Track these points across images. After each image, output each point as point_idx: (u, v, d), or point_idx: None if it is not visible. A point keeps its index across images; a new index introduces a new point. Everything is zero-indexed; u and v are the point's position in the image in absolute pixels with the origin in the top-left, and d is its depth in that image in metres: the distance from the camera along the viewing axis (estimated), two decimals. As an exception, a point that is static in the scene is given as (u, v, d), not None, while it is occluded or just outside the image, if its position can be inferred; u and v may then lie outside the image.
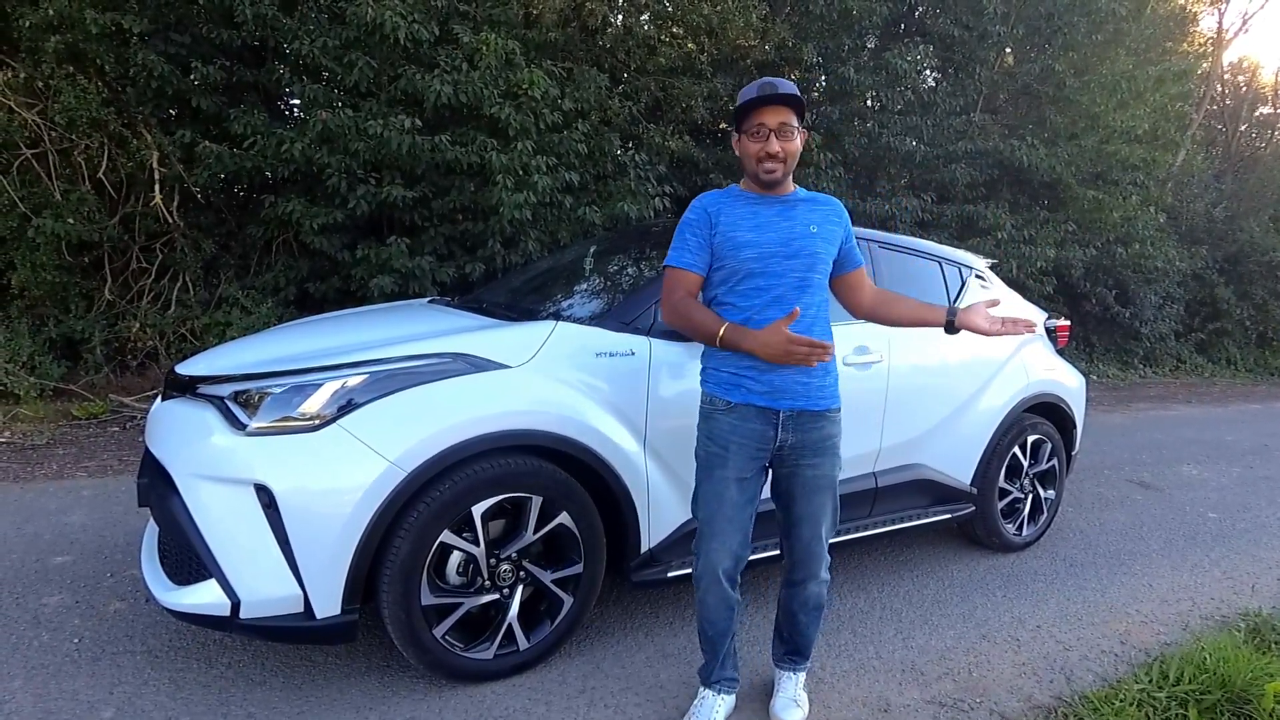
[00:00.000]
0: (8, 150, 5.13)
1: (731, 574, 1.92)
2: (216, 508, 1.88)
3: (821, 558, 1.97)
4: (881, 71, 7.79)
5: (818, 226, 1.91)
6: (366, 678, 2.15)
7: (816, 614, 2.05)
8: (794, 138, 1.86)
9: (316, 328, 2.69)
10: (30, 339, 5.12)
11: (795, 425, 1.87)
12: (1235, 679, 2.26)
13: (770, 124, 1.82)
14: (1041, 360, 3.52)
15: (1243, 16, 28.88)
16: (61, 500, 3.40)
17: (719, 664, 2.02)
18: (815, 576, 1.98)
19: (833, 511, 1.96)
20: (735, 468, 1.87)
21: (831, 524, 1.97)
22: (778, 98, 1.81)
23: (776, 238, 1.87)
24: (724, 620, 1.96)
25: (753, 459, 1.88)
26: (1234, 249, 13.33)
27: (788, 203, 1.93)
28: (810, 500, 1.92)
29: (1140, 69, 9.42)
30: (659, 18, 7.06)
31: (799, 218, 1.91)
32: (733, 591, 1.94)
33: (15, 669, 2.09)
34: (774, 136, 1.83)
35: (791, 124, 1.84)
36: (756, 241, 1.86)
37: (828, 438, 1.91)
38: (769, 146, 1.83)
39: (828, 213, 1.96)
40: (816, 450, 1.90)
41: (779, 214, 1.91)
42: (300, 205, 5.39)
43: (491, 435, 2.02)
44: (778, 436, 1.87)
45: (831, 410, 1.92)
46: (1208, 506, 4.47)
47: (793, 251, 1.87)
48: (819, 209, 1.95)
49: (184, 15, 5.35)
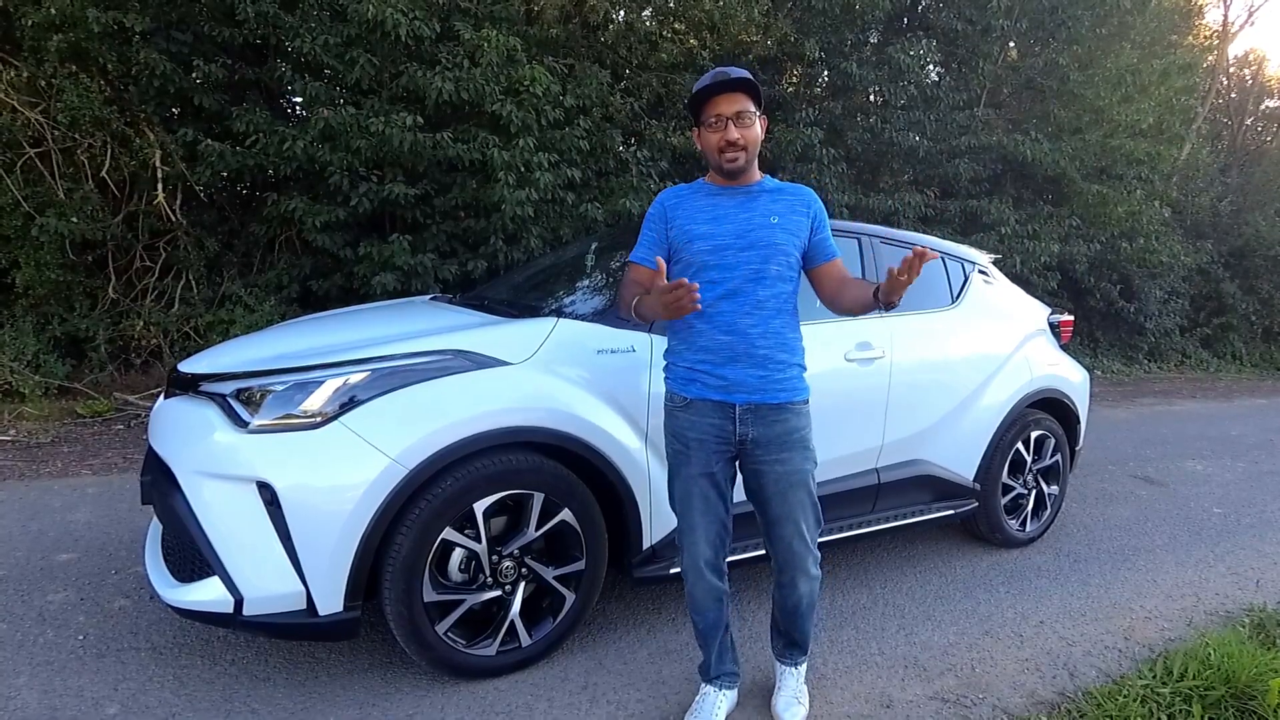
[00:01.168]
0: (11, 149, 5.14)
1: (714, 563, 1.92)
2: (219, 505, 1.89)
3: (806, 555, 1.92)
4: (884, 66, 7.75)
5: (779, 217, 1.85)
6: (369, 674, 2.16)
7: (810, 610, 2.01)
8: (752, 124, 1.83)
9: (318, 325, 2.69)
10: (35, 338, 5.14)
11: (754, 419, 1.83)
12: (1240, 675, 2.25)
13: (727, 112, 1.81)
14: (1045, 356, 3.50)
15: (1248, 9, 28.64)
16: (66, 498, 3.42)
17: (716, 658, 2.02)
18: (805, 573, 1.94)
19: (811, 507, 1.90)
20: (698, 463, 1.86)
21: (813, 521, 1.92)
22: (730, 83, 1.80)
23: (732, 229, 1.84)
24: (713, 611, 1.96)
25: (715, 453, 1.86)
26: (1239, 243, 13.26)
27: (750, 193, 1.89)
28: (785, 499, 1.86)
29: (1145, 63, 9.36)
30: (661, 14, 7.04)
31: (759, 208, 1.87)
32: (719, 582, 1.94)
33: (21, 665, 2.10)
34: (731, 124, 1.81)
35: (749, 110, 1.81)
36: (711, 234, 1.85)
37: (792, 430, 1.85)
38: (728, 134, 1.81)
39: (793, 202, 1.89)
40: (781, 445, 1.84)
41: (739, 205, 1.88)
42: (302, 203, 5.40)
43: (493, 432, 2.02)
44: (736, 430, 1.84)
45: (792, 403, 1.86)
46: (1212, 502, 4.45)
47: (748, 243, 1.83)
48: (783, 199, 1.89)
49: (186, 14, 5.35)
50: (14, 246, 5.14)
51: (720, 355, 1.83)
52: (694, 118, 1.89)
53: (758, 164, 1.92)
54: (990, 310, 3.39)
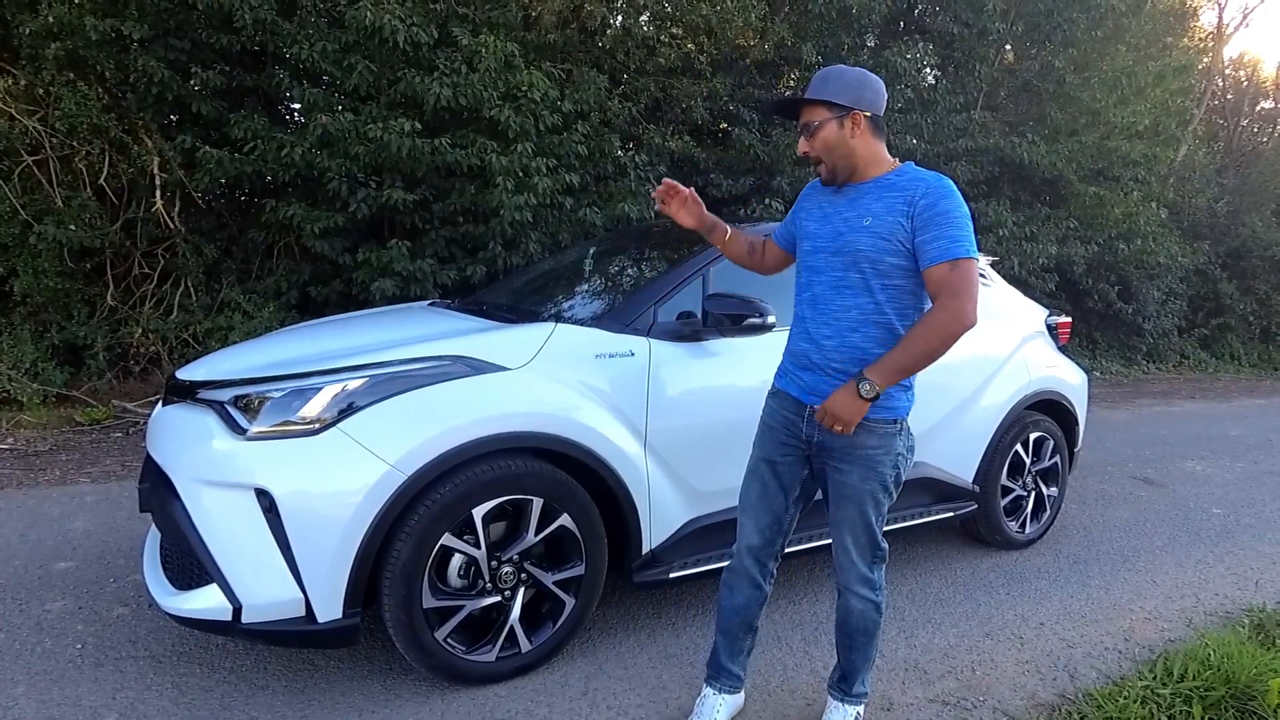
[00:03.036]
0: (9, 157, 5.14)
1: (758, 552, 1.92)
2: (217, 512, 1.89)
3: (850, 570, 1.85)
4: (881, 70, 7.75)
5: (874, 218, 1.71)
6: (369, 681, 2.15)
7: (859, 636, 1.90)
8: (817, 133, 1.76)
9: (317, 331, 2.69)
10: (33, 345, 5.13)
11: (820, 425, 1.78)
12: (1240, 675, 2.25)
13: (800, 124, 1.82)
14: (1043, 357, 3.51)
15: (1243, 11, 28.80)
16: (64, 506, 3.41)
17: (727, 652, 1.99)
18: (848, 588, 1.88)
19: (864, 528, 1.81)
20: (766, 448, 1.91)
21: (860, 541, 1.82)
22: (788, 103, 1.85)
23: (830, 231, 1.79)
24: (741, 593, 1.94)
25: (783, 444, 1.88)
26: (1236, 244, 13.28)
27: (860, 190, 1.77)
28: (839, 508, 1.83)
29: (1140, 64, 9.38)
30: (658, 18, 7.05)
31: (861, 208, 1.75)
32: (759, 574, 1.93)
33: (19, 675, 2.10)
34: (803, 137, 1.81)
35: (814, 120, 1.76)
36: (814, 234, 1.84)
37: (858, 447, 1.76)
38: (799, 148, 1.83)
39: (895, 200, 1.70)
40: (843, 456, 1.78)
41: (847, 204, 1.79)
42: (301, 209, 5.40)
43: (492, 437, 2.02)
44: (804, 430, 1.83)
45: (866, 421, 1.73)
46: (1212, 502, 4.45)
47: (836, 248, 1.77)
48: (888, 196, 1.72)
49: (183, 21, 5.35)
50: (12, 254, 5.13)
51: (800, 360, 1.85)
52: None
53: (886, 155, 1.79)
54: (988, 312, 3.37)
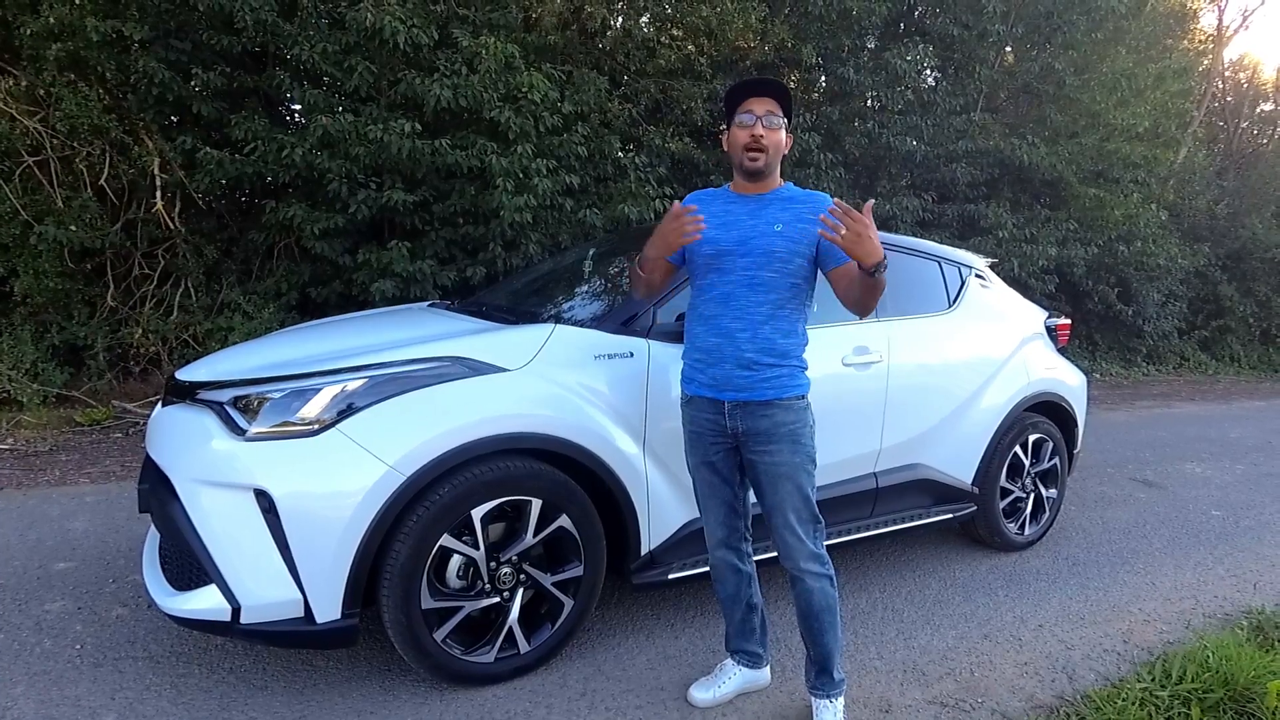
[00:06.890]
0: (10, 158, 5.14)
1: (728, 541, 2.07)
2: (216, 513, 1.89)
3: (797, 549, 1.93)
4: (881, 71, 7.78)
5: (784, 225, 1.89)
6: (367, 682, 2.15)
7: (824, 615, 1.97)
8: (778, 129, 1.90)
9: (317, 332, 2.70)
10: (33, 346, 5.13)
11: (742, 414, 1.91)
12: (1238, 677, 2.26)
13: (757, 111, 1.88)
14: (1042, 359, 3.51)
15: (1243, 13, 28.84)
16: (64, 506, 3.41)
17: (736, 631, 2.16)
18: (801, 570, 1.94)
19: (803, 501, 1.92)
20: (700, 453, 2.01)
21: (805, 515, 1.94)
22: (764, 85, 1.90)
23: (735, 235, 1.91)
24: (729, 582, 2.09)
25: (712, 444, 1.98)
26: (1236, 246, 13.28)
27: (763, 201, 1.94)
28: (775, 489, 1.92)
29: (1140, 66, 9.39)
30: (658, 20, 7.06)
31: (768, 215, 1.91)
32: (734, 559, 2.08)
33: (18, 675, 2.10)
34: (759, 122, 1.87)
35: (777, 114, 1.89)
36: (715, 239, 1.92)
37: (780, 425, 1.89)
38: (754, 130, 1.87)
39: (801, 210, 1.91)
40: (769, 437, 1.90)
41: (750, 213, 1.93)
42: (301, 210, 5.40)
43: (491, 438, 2.02)
44: (728, 424, 1.93)
45: (781, 399, 1.89)
46: (1211, 504, 4.45)
47: (746, 250, 1.89)
48: (793, 207, 1.92)
49: (184, 22, 5.36)
50: (12, 255, 5.14)
51: (710, 356, 1.93)
52: (727, 116, 1.96)
53: (779, 173, 1.98)
54: (987, 314, 3.39)
